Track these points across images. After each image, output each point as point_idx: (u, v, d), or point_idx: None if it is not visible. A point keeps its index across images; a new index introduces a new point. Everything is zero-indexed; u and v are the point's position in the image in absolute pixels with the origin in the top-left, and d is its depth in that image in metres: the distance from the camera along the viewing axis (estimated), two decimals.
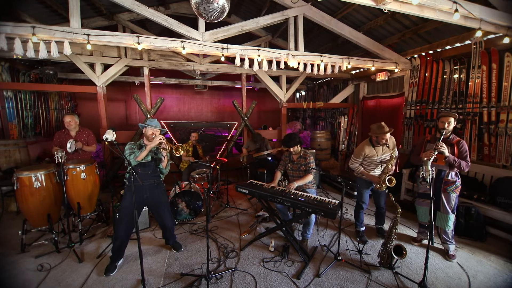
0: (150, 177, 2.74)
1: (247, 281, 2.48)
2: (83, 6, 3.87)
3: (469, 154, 2.75)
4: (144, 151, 2.57)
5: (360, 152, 3.14)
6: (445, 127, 2.72)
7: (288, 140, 3.21)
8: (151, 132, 2.69)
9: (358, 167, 3.17)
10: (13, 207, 3.98)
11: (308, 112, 9.01)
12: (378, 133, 2.97)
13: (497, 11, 3.14)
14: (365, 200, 3.25)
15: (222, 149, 6.70)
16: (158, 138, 2.59)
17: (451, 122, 2.75)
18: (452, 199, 2.81)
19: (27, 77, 5.59)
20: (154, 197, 2.80)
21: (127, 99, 8.75)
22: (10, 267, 2.64)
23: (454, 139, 2.82)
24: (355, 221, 3.39)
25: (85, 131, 3.87)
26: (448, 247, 2.88)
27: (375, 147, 3.10)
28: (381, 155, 3.10)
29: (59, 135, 3.72)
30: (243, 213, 4.13)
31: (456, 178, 2.83)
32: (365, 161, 3.18)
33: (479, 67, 3.79)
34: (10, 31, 3.01)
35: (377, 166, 3.16)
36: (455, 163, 2.68)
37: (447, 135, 2.80)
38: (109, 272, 2.56)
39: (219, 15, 2.73)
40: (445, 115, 2.81)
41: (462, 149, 2.74)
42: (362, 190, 3.26)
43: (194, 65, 5.92)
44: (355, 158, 3.19)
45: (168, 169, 2.91)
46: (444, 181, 2.83)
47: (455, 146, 2.77)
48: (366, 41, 4.57)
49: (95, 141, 3.95)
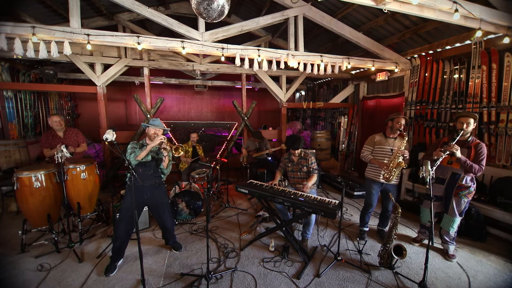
0: (151, 177, 2.74)
1: (247, 281, 2.48)
2: (83, 6, 3.87)
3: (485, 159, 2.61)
4: (144, 151, 2.56)
5: (371, 140, 3.16)
6: (463, 128, 2.62)
7: (293, 142, 3.19)
8: (153, 132, 2.69)
9: (367, 154, 3.14)
10: (13, 207, 3.98)
11: (308, 112, 9.01)
12: (396, 115, 2.98)
13: (497, 11, 3.14)
14: (372, 202, 3.16)
15: (222, 149, 6.71)
16: (159, 138, 2.58)
17: (470, 123, 2.64)
18: (463, 204, 2.75)
19: (27, 77, 5.59)
20: (154, 198, 2.79)
21: (127, 99, 8.74)
22: (10, 267, 2.64)
23: (473, 141, 2.68)
24: (360, 221, 3.33)
25: (73, 131, 3.78)
26: (448, 247, 2.88)
27: (387, 138, 3.08)
28: (393, 146, 3.03)
29: (47, 137, 3.59)
30: (243, 213, 4.13)
31: (471, 184, 2.71)
32: (375, 151, 3.13)
33: (479, 67, 3.79)
34: (10, 31, 3.01)
35: (387, 155, 3.04)
36: (467, 166, 2.58)
37: (465, 137, 2.68)
38: (109, 272, 2.56)
39: (219, 15, 2.72)
40: (464, 115, 2.69)
41: (479, 151, 2.61)
42: (370, 191, 3.17)
43: (194, 65, 5.92)
44: (366, 146, 3.20)
45: (170, 170, 2.90)
46: (457, 185, 2.75)
47: (472, 148, 2.64)
48: (366, 41, 4.57)
49: (85, 140, 3.88)
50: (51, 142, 3.59)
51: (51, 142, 3.59)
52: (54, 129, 3.64)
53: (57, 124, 3.60)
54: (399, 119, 2.98)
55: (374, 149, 3.15)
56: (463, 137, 2.66)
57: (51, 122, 3.60)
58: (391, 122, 3.05)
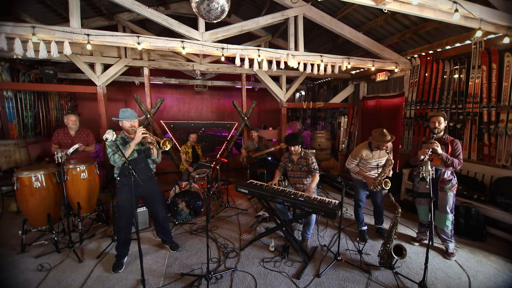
0: (144, 170, 2.71)
1: (247, 281, 2.48)
2: (83, 6, 3.87)
3: (462, 153, 2.82)
4: (128, 149, 2.47)
5: (357, 154, 3.18)
6: (436, 127, 2.78)
7: (291, 138, 3.23)
8: (129, 125, 2.56)
9: (354, 167, 3.25)
10: (13, 207, 3.98)
11: (308, 112, 9.00)
12: (380, 141, 2.98)
13: (497, 11, 3.14)
14: (361, 198, 3.31)
15: (222, 149, 6.70)
16: (140, 132, 2.43)
17: (441, 121, 2.80)
18: (450, 198, 2.83)
19: (27, 77, 5.59)
20: (149, 189, 2.79)
21: (127, 99, 8.75)
22: (10, 267, 2.64)
23: (447, 138, 2.87)
24: (356, 220, 3.41)
25: (84, 132, 3.89)
26: (448, 245, 2.90)
27: (373, 151, 3.12)
28: (378, 158, 3.13)
29: (58, 134, 3.73)
30: (243, 213, 4.13)
31: (452, 177, 2.86)
32: (362, 163, 3.22)
33: (479, 67, 3.79)
34: (10, 31, 3.00)
35: (373, 169, 3.20)
36: (448, 161, 2.73)
37: (439, 135, 2.83)
38: (118, 268, 2.60)
39: (219, 15, 2.72)
40: (434, 115, 2.86)
41: (455, 147, 2.80)
42: (358, 188, 3.32)
43: (194, 65, 5.92)
44: (351, 159, 3.25)
45: (160, 157, 2.82)
46: (440, 180, 2.87)
47: (449, 145, 2.82)
48: (366, 41, 4.57)
49: (94, 141, 3.98)
50: (62, 139, 3.69)
51: (61, 139, 3.69)
52: (67, 127, 3.75)
53: (73, 123, 3.72)
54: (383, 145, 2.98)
55: (359, 162, 3.22)
56: (438, 135, 2.81)
57: (67, 120, 3.72)
58: (376, 144, 3.04)
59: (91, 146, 3.90)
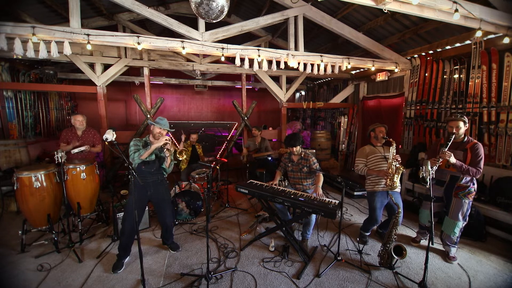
0: (154, 174, 2.76)
1: (247, 281, 2.48)
2: (83, 6, 3.87)
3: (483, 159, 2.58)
4: (149, 150, 2.57)
5: (362, 152, 3.12)
6: (454, 132, 2.64)
7: (290, 139, 3.21)
8: (158, 131, 2.70)
9: (362, 167, 3.05)
10: (13, 207, 3.97)
11: (308, 112, 9.01)
12: (376, 125, 3.04)
13: (497, 11, 3.13)
14: (377, 217, 2.99)
15: (222, 149, 6.70)
16: (164, 139, 2.59)
17: (460, 126, 2.64)
18: (464, 205, 2.69)
19: (27, 77, 5.58)
20: (158, 194, 2.81)
21: (127, 99, 8.75)
22: (10, 267, 2.64)
23: (469, 142, 2.67)
24: (362, 229, 3.20)
25: (91, 132, 3.92)
26: (450, 249, 2.84)
27: (376, 147, 3.09)
28: (383, 153, 3.04)
29: (67, 133, 3.78)
30: (243, 213, 4.13)
31: (470, 184, 2.69)
32: (370, 160, 3.07)
33: (479, 67, 3.79)
34: (10, 31, 3.00)
35: (382, 161, 3.00)
36: (463, 170, 2.57)
37: (457, 140, 2.70)
38: (117, 269, 2.60)
39: (219, 15, 2.73)
40: (452, 119, 2.69)
41: (476, 152, 2.59)
42: (374, 206, 2.98)
43: (194, 65, 5.92)
44: (358, 159, 3.11)
45: (171, 169, 2.92)
46: (456, 186, 2.74)
47: (468, 151, 2.63)
48: (366, 41, 4.57)
49: (100, 142, 3.99)
50: (70, 139, 3.75)
51: (69, 139, 3.75)
52: (75, 127, 3.79)
53: (79, 123, 3.77)
54: (380, 129, 3.04)
55: (367, 160, 3.08)
56: (456, 139, 2.68)
57: (74, 120, 3.78)
58: (373, 133, 3.08)
59: (97, 147, 3.92)
